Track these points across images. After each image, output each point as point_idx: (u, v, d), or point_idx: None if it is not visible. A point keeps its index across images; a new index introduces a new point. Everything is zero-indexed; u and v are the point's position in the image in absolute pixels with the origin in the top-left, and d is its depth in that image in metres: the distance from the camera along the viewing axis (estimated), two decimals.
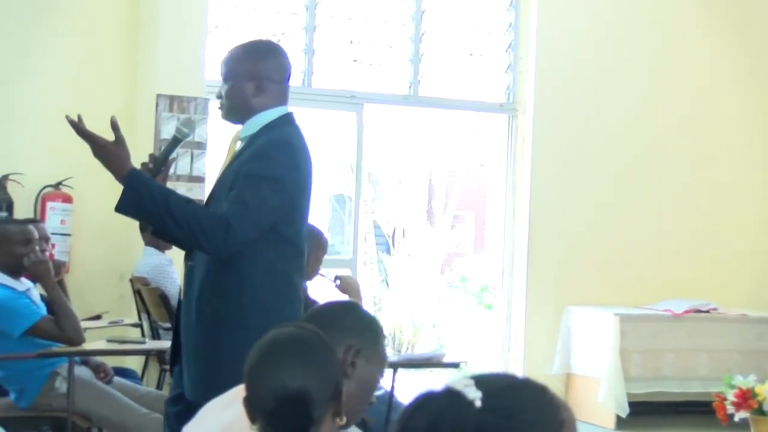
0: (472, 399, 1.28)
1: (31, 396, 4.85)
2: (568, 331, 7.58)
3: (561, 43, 7.83)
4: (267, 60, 3.40)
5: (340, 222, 14.14)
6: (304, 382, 1.97)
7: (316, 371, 1.99)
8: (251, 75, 3.35)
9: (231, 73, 3.37)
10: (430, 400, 1.32)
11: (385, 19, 7.92)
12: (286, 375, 1.97)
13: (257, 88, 3.35)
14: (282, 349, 2.02)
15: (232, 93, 3.36)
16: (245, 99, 3.35)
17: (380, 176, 16.44)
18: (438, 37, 7.87)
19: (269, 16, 7.52)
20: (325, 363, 2.03)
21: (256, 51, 3.42)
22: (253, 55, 3.39)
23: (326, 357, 2.04)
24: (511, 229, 7.95)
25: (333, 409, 2.03)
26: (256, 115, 3.36)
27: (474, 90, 8.05)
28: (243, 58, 3.38)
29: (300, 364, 1.99)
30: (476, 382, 1.30)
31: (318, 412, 1.97)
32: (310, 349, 2.03)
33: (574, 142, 7.85)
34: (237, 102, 3.36)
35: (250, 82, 3.35)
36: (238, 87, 3.35)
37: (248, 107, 3.36)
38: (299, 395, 1.95)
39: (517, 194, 7.92)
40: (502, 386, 1.32)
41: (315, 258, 4.97)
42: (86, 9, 6.85)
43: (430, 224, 16.18)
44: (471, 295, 14.42)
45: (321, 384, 1.99)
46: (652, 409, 7.43)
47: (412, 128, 15.29)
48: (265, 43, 3.56)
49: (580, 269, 7.79)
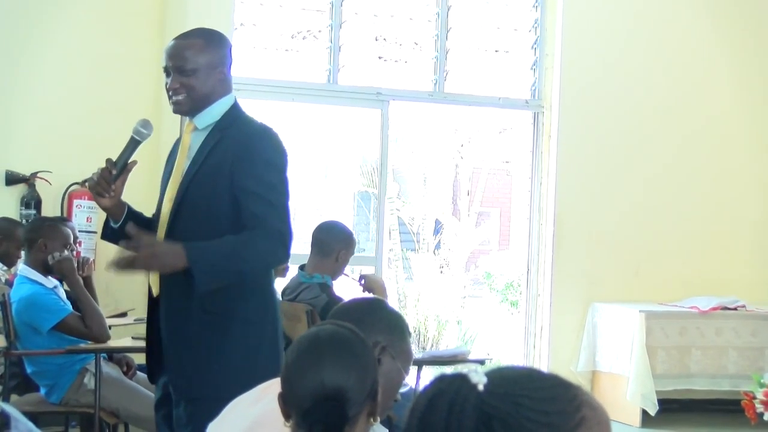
0: (475, 382, 1.29)
1: (61, 392, 4.90)
2: (594, 328, 7.55)
3: (587, 40, 7.80)
4: (224, 48, 3.35)
5: (364, 219, 14.15)
6: (342, 381, 1.97)
7: (354, 370, 1.99)
8: (215, 64, 3.29)
9: (194, 64, 3.25)
10: (438, 381, 1.34)
11: (410, 15, 7.91)
12: (324, 373, 1.97)
13: (220, 76, 3.30)
14: (322, 348, 2.01)
15: (198, 84, 3.26)
16: (210, 89, 3.28)
17: (405, 173, 16.43)
18: (463, 34, 7.85)
19: (295, 13, 7.53)
20: (364, 363, 2.02)
21: (214, 40, 3.34)
22: (214, 45, 3.32)
23: (364, 357, 2.04)
24: (537, 225, 7.93)
25: (368, 409, 2.02)
26: (214, 104, 3.30)
27: (499, 87, 8.03)
28: (206, 48, 3.29)
29: (339, 363, 1.98)
30: (488, 371, 1.32)
31: (353, 411, 1.97)
32: (350, 349, 2.02)
33: (600, 139, 7.82)
34: (203, 93, 3.28)
35: (215, 72, 3.29)
36: (205, 77, 3.27)
37: (210, 97, 3.30)
38: (336, 394, 1.95)
39: (543, 191, 7.90)
40: (514, 375, 1.33)
41: (344, 257, 4.97)
42: (115, 8, 6.89)
43: (455, 221, 16.15)
44: (496, 292, 14.39)
45: (358, 383, 1.98)
46: (679, 406, 7.39)
47: (438, 125, 15.26)
48: (215, 31, 3.42)
49: (605, 266, 7.76)
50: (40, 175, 6.61)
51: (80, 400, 4.89)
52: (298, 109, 7.44)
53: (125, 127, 3.31)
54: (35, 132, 6.72)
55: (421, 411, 1.33)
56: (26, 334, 4.84)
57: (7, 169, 6.60)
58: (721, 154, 8.10)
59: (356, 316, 2.39)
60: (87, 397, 4.84)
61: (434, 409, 1.30)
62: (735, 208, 8.12)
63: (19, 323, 4.84)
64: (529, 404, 1.27)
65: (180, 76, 3.26)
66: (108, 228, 3.38)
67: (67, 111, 6.75)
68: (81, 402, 4.89)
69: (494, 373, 1.31)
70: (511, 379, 1.31)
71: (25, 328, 4.83)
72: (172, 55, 3.27)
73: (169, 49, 3.30)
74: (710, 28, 8.09)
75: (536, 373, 1.34)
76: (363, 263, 8.38)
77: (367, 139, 11.33)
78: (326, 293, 4.88)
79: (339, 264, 4.97)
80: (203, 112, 3.30)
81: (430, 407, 1.32)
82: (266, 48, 7.52)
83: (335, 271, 4.98)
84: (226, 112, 3.32)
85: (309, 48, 7.86)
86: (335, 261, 4.92)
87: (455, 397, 1.29)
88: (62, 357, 4.82)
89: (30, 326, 4.81)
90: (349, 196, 14.78)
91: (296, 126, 11.20)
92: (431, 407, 1.31)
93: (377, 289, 5.02)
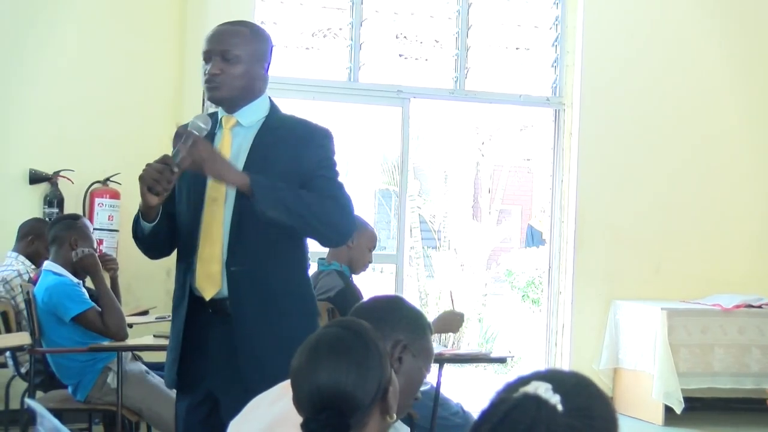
0: (554, 404, 1.29)
1: (85, 390, 4.93)
2: (615, 325, 7.53)
3: (607, 37, 7.77)
4: (268, 44, 3.29)
5: (386, 217, 14.16)
6: (339, 385, 1.93)
7: (354, 372, 1.95)
8: (259, 58, 3.23)
9: (241, 52, 3.17)
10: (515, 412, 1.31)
11: (431, 13, 7.90)
12: (320, 378, 1.94)
13: (262, 72, 3.25)
14: (320, 351, 1.98)
15: (239, 73, 3.17)
16: (250, 82, 3.21)
17: (426, 171, 16.42)
18: (484, 31, 7.84)
19: (315, 11, 7.53)
20: (365, 363, 1.97)
21: (261, 34, 3.27)
22: (260, 38, 3.24)
23: (366, 357, 1.98)
24: (558, 223, 7.91)
25: (379, 408, 1.99)
26: (257, 100, 3.25)
27: (520, 84, 8.01)
28: (252, 39, 3.21)
29: (335, 366, 1.95)
30: (553, 387, 1.31)
31: (359, 413, 1.94)
32: (348, 350, 1.98)
33: (620, 136, 7.79)
34: (243, 83, 3.19)
35: (257, 65, 3.22)
36: (247, 68, 3.19)
37: (250, 91, 3.23)
38: (333, 399, 1.92)
39: (564, 188, 7.88)
40: (574, 386, 1.33)
41: (357, 245, 4.99)
42: (136, 6, 6.91)
43: (476, 219, 16.14)
44: (517, 289, 14.37)
45: (359, 386, 1.94)
46: (703, 405, 7.35)
47: (459, 122, 15.24)
48: (261, 27, 3.37)
49: (626, 263, 7.74)
50: (62, 174, 6.65)
51: (104, 398, 4.92)
52: (319, 107, 7.44)
53: (145, 126, 3.32)
54: (57, 131, 6.76)
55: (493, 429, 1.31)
56: (49, 324, 4.87)
57: (30, 168, 6.64)
58: (743, 150, 8.05)
59: (376, 314, 2.38)
60: (111, 396, 4.86)
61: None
62: (758, 204, 8.07)
63: (43, 312, 4.87)
64: (596, 414, 1.31)
65: (222, 61, 3.16)
66: (139, 226, 3.25)
67: (88, 110, 6.79)
68: (105, 400, 4.92)
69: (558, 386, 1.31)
70: (573, 389, 1.32)
71: (49, 317, 4.86)
72: (218, 40, 3.18)
73: (213, 34, 3.21)
74: (735, 24, 8.04)
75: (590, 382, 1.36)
76: (384, 261, 8.38)
77: (388, 137, 11.33)
78: (343, 280, 4.91)
79: (354, 252, 5.00)
80: (246, 108, 3.23)
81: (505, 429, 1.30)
82: (287, 46, 7.52)
83: (351, 259, 5.01)
84: (271, 110, 3.27)
85: (330, 46, 7.86)
86: (348, 248, 4.94)
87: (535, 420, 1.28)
88: (84, 355, 4.85)
89: (54, 315, 4.84)
90: (370, 193, 14.79)
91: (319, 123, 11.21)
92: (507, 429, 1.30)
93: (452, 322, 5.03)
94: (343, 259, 5.00)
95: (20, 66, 6.67)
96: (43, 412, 2.56)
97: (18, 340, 4.92)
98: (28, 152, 6.69)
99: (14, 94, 6.66)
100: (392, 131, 8.02)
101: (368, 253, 5.11)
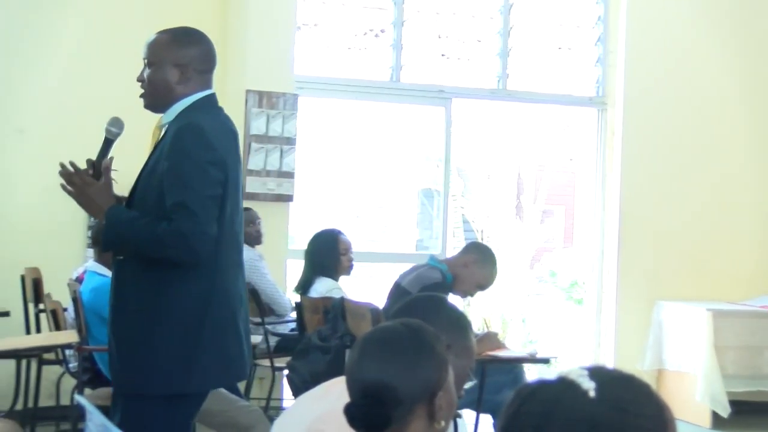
0: (586, 389, 1.27)
1: None
2: (660, 326, 7.46)
3: (651, 35, 7.72)
4: (193, 48, 3.33)
5: (428, 217, 14.13)
6: (382, 377, 1.95)
7: (399, 367, 1.97)
8: (176, 62, 3.29)
9: (156, 58, 3.29)
10: (544, 388, 1.31)
11: (473, 13, 7.89)
12: (365, 368, 1.98)
13: (182, 75, 3.29)
14: (375, 342, 2.03)
15: (155, 78, 3.29)
16: (168, 86, 3.29)
17: (469, 171, 16.39)
18: (526, 31, 7.82)
19: (357, 11, 7.56)
20: (415, 361, 1.99)
21: (183, 38, 3.34)
22: (180, 42, 3.31)
23: (418, 356, 2.00)
24: (601, 223, 7.86)
25: (425, 410, 1.99)
26: (177, 103, 3.30)
27: (562, 84, 7.98)
28: (170, 44, 3.30)
29: (382, 359, 1.98)
30: (589, 373, 1.30)
31: (401, 408, 1.95)
32: (401, 346, 2.00)
33: (665, 136, 7.73)
34: (160, 88, 3.29)
35: (175, 69, 3.29)
36: (162, 73, 3.28)
37: (170, 95, 3.30)
38: (378, 387, 1.94)
39: (607, 188, 7.84)
40: (615, 377, 1.31)
41: (473, 269, 5.01)
42: (178, 8, 6.96)
43: (519, 219, 16.08)
44: (560, 289, 14.30)
45: (405, 380, 1.96)
46: (751, 408, 7.21)
47: (501, 122, 15.20)
48: (192, 30, 3.43)
49: (671, 263, 7.68)
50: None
51: None
52: (362, 107, 7.46)
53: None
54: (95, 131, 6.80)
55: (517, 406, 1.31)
56: (94, 323, 4.95)
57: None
58: None
59: (419, 314, 2.39)
60: None
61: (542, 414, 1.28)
62: None
63: (89, 312, 4.97)
64: (633, 410, 1.28)
65: (146, 67, 3.32)
66: None
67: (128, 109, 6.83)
68: None
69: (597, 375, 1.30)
70: (613, 381, 1.31)
71: (94, 317, 4.94)
72: (144, 49, 3.35)
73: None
74: None
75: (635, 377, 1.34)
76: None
77: (430, 137, 11.34)
78: (442, 277, 4.92)
79: (464, 272, 5.01)
80: (169, 110, 3.33)
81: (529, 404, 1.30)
82: (329, 47, 7.55)
83: (459, 276, 5.02)
84: (183, 109, 3.30)
85: (372, 46, 7.88)
86: (465, 265, 4.95)
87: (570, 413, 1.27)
88: None
89: (98, 315, 4.91)
90: (414, 194, 14.78)
91: (360, 124, 11.24)
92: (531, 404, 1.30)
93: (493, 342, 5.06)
94: (453, 268, 5.02)
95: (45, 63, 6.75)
96: (92, 409, 2.60)
97: (66, 338, 4.99)
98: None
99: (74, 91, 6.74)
100: (435, 131, 8.02)
101: (474, 287, 5.12)
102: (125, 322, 3.25)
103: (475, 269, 5.02)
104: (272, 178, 6.87)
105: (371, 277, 9.97)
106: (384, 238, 12.90)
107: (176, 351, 3.20)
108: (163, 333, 3.19)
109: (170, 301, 3.20)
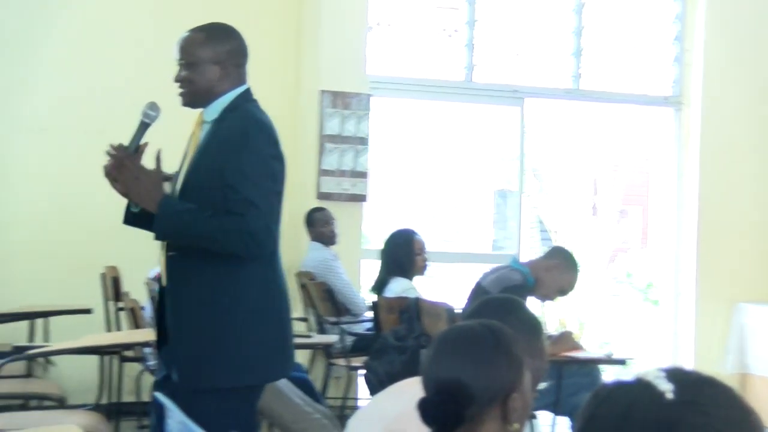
0: (663, 391, 1.26)
1: None
2: (741, 328, 7.33)
3: (730, 33, 7.59)
4: (228, 43, 3.37)
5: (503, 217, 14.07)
6: (456, 374, 1.95)
7: (474, 366, 1.96)
8: (215, 59, 3.32)
9: (193, 58, 3.32)
10: (621, 390, 1.29)
11: (546, 12, 7.85)
12: (441, 366, 1.98)
13: (222, 72, 3.32)
14: (452, 339, 2.03)
15: (195, 78, 3.31)
16: (209, 84, 3.32)
17: (544, 171, 16.29)
18: (600, 30, 7.75)
19: (430, 11, 7.56)
20: (490, 361, 1.98)
21: (218, 34, 3.37)
22: (216, 39, 3.35)
23: (493, 356, 1.99)
24: (677, 223, 7.76)
25: (498, 411, 1.98)
26: (219, 99, 3.33)
27: (637, 83, 7.89)
28: (206, 42, 3.33)
29: (457, 358, 1.97)
30: (667, 374, 1.28)
31: (473, 407, 1.94)
32: (477, 345, 2.00)
33: (745, 135, 7.61)
34: (201, 87, 3.31)
35: (215, 67, 3.32)
36: (203, 72, 3.31)
37: (212, 92, 3.33)
38: (450, 384, 1.94)
39: (684, 188, 7.73)
40: (694, 379, 1.29)
41: (557, 273, 4.99)
42: (254, 8, 7.04)
43: (594, 219, 15.94)
44: (637, 290, 14.14)
45: (477, 378, 1.95)
46: None
47: (576, 122, 15.09)
48: (223, 25, 3.47)
49: (752, 264, 7.54)
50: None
51: None
52: (435, 107, 7.47)
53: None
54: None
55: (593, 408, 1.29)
56: None
57: None
58: None
59: (492, 315, 2.38)
60: None
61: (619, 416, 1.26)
62: None
63: None
64: (714, 413, 1.24)
65: (181, 70, 3.34)
66: (129, 212, 3.43)
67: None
68: None
69: (675, 377, 1.28)
70: (692, 383, 1.28)
71: None
72: (176, 50, 3.36)
73: (176, 43, 3.38)
74: None
75: (716, 380, 1.30)
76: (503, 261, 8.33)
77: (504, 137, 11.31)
78: (524, 280, 4.92)
79: (547, 276, 4.98)
80: (211, 106, 3.34)
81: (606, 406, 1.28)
82: (402, 47, 7.57)
83: (541, 279, 5.00)
84: (228, 105, 3.33)
85: (445, 46, 7.88)
86: (547, 269, 4.93)
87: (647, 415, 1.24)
88: None
89: None
90: (488, 193, 14.74)
91: (433, 124, 11.24)
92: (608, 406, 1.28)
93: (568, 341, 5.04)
94: (535, 272, 5.01)
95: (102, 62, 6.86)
96: (171, 406, 2.64)
97: (143, 336, 5.07)
98: None
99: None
100: (509, 131, 7.99)
101: (555, 291, 5.09)
102: (190, 317, 3.28)
103: (558, 274, 4.98)
104: (346, 178, 6.90)
105: (446, 277, 9.97)
106: (459, 239, 12.89)
107: (244, 343, 3.23)
108: (230, 325, 3.22)
109: (236, 292, 3.23)
